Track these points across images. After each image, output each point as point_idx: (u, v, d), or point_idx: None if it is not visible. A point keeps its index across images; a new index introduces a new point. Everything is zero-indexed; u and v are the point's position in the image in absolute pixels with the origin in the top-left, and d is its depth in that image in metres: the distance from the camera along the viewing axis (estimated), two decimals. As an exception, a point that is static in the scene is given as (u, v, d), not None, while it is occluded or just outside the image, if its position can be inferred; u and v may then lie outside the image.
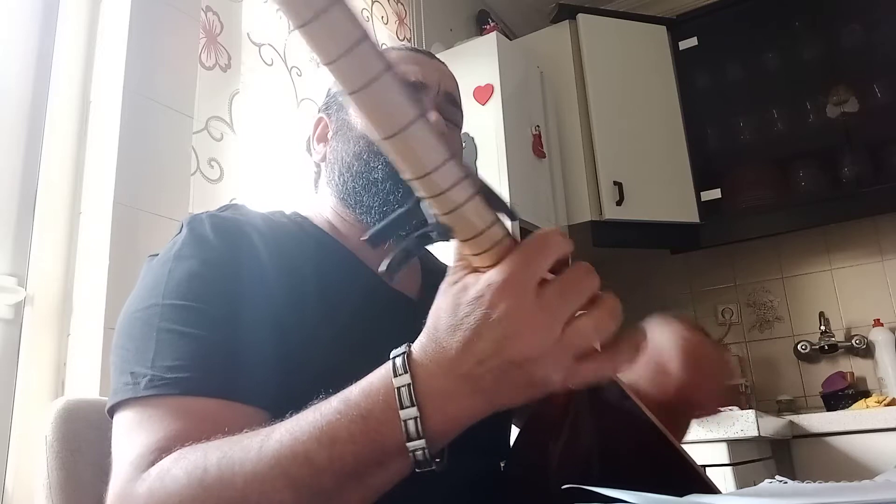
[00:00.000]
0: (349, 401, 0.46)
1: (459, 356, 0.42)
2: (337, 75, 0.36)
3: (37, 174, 1.23)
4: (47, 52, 1.29)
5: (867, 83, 2.34)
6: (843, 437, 1.88)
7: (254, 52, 1.68)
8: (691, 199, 2.46)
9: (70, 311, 1.21)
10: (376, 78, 0.36)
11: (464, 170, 0.40)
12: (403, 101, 0.37)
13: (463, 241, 0.43)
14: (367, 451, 0.44)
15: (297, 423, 0.47)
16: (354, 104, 0.37)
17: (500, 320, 0.41)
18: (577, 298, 0.42)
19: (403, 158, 0.39)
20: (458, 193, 0.40)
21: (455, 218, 0.41)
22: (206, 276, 0.62)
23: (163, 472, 0.49)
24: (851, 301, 2.46)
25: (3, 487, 1.08)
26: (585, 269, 0.43)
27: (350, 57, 0.35)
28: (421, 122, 0.38)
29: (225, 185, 1.50)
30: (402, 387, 0.43)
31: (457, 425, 0.45)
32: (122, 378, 0.58)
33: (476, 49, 2.16)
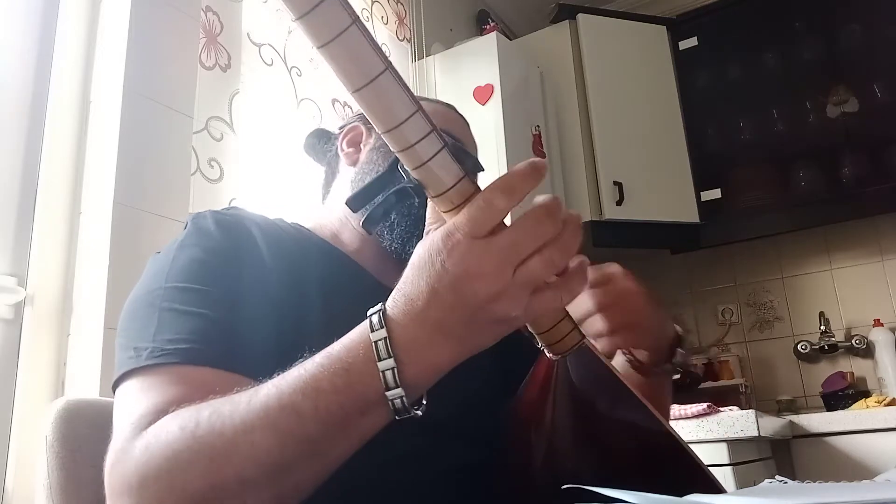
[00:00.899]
0: (331, 356, 0.48)
1: (426, 306, 0.45)
2: (307, 28, 0.38)
3: (37, 174, 1.23)
4: (47, 52, 1.29)
5: (867, 83, 2.34)
6: (843, 437, 1.88)
7: (254, 52, 1.68)
8: (691, 199, 2.46)
9: (70, 311, 1.21)
10: (345, 30, 0.38)
11: (430, 124, 0.42)
12: (371, 53, 0.39)
13: (435, 198, 0.45)
14: (349, 400, 0.47)
15: (283, 379, 0.49)
16: (325, 57, 0.39)
17: (452, 267, 0.44)
18: (526, 246, 0.44)
19: (374, 110, 0.41)
20: (425, 147, 0.42)
21: (425, 172, 0.43)
22: (208, 262, 0.65)
23: (159, 428, 0.51)
24: (851, 301, 2.46)
25: (3, 487, 1.08)
26: (540, 215, 0.45)
27: (319, 11, 0.37)
28: (388, 74, 0.39)
29: (225, 185, 1.50)
30: (379, 340, 0.46)
31: (433, 372, 0.47)
32: (125, 353, 0.60)
33: (476, 49, 2.16)
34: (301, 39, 1.85)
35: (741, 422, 1.64)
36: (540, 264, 0.44)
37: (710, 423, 1.65)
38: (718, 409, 1.72)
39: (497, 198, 0.44)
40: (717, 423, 1.65)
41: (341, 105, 1.93)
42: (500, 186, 0.44)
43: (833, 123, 2.36)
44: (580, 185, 2.32)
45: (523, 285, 0.44)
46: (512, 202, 0.44)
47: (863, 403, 2.03)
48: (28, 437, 1.10)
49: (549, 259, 0.45)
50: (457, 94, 2.12)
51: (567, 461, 0.58)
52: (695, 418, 1.67)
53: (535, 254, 0.44)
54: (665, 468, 0.55)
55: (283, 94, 1.75)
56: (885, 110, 2.29)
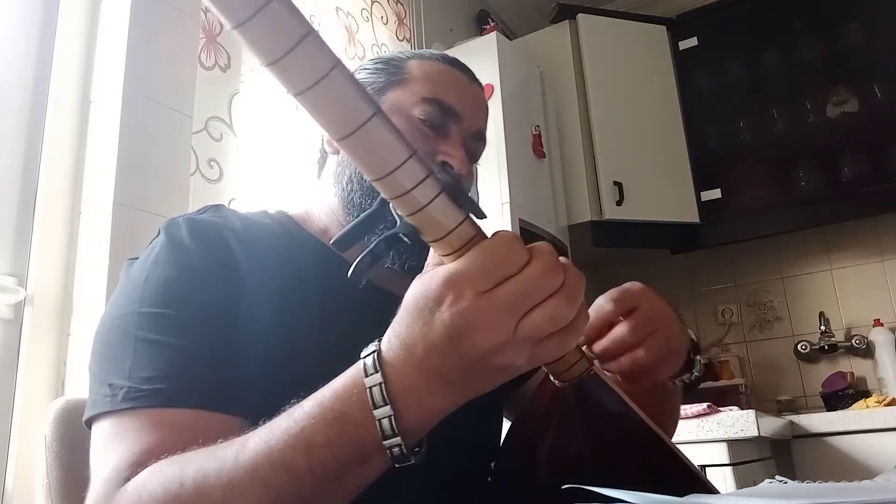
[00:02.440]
0: (323, 405, 0.45)
1: (423, 354, 0.43)
2: (280, 76, 0.33)
3: (37, 174, 1.23)
4: (47, 52, 1.29)
5: (867, 83, 2.34)
6: (843, 437, 1.88)
7: (254, 52, 1.68)
8: (691, 199, 2.46)
9: (70, 311, 1.21)
10: (326, 75, 0.33)
11: (427, 168, 0.39)
12: (357, 99, 0.35)
13: (433, 242, 0.42)
14: (345, 452, 0.44)
15: (271, 431, 0.46)
16: (304, 105, 0.34)
17: (451, 319, 0.41)
18: (529, 299, 0.42)
19: (362, 159, 0.37)
20: (421, 193, 0.39)
21: (421, 218, 0.40)
22: (182, 283, 0.61)
23: (139, 486, 0.48)
24: (851, 301, 2.46)
25: (3, 487, 1.08)
26: (544, 268, 0.42)
27: (295, 54, 0.33)
28: (377, 120, 0.35)
29: (224, 186, 1.50)
30: (374, 386, 0.44)
31: (432, 418, 0.45)
32: (101, 390, 0.57)
33: (476, 49, 2.16)
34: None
35: (741, 422, 1.64)
36: (545, 318, 0.42)
37: (710, 423, 1.65)
38: (718, 409, 1.72)
39: (504, 262, 0.42)
40: (717, 423, 1.65)
41: (341, 105, 1.92)
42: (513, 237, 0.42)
43: (833, 123, 2.36)
44: (580, 185, 2.32)
45: (527, 339, 0.42)
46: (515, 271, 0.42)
47: (863, 403, 2.03)
48: (28, 437, 1.10)
49: (554, 312, 0.42)
50: (457, 94, 2.11)
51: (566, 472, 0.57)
52: (695, 418, 1.67)
53: (539, 306, 0.42)
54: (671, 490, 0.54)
55: (283, 95, 1.75)
56: (885, 110, 2.29)
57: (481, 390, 0.45)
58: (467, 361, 0.42)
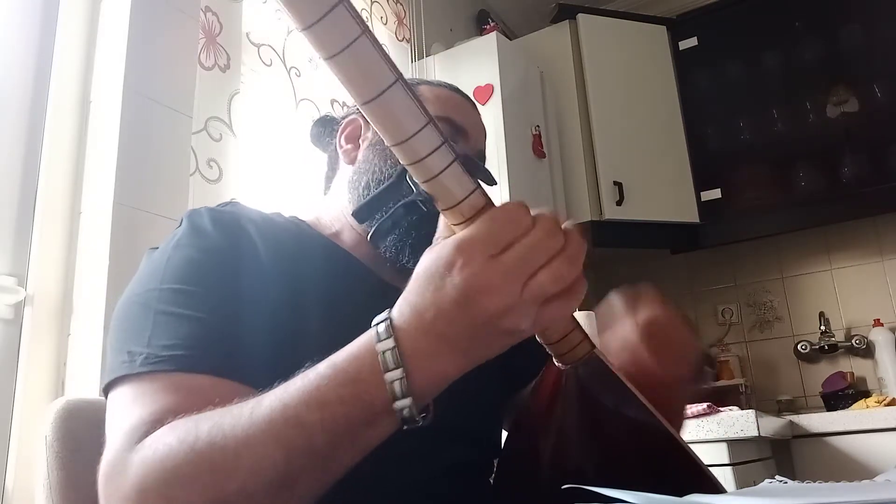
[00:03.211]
0: (336, 366, 0.48)
1: (433, 318, 0.45)
2: (314, 39, 0.36)
3: (37, 174, 1.23)
4: (47, 52, 1.29)
5: (867, 83, 2.34)
6: (843, 437, 1.88)
7: (253, 53, 1.68)
8: (691, 199, 2.46)
9: (70, 311, 1.21)
10: (355, 40, 0.36)
11: (442, 136, 0.41)
12: (382, 64, 0.37)
13: (446, 210, 0.45)
14: (356, 411, 0.46)
15: (286, 390, 0.48)
16: (333, 68, 0.37)
17: (462, 282, 0.43)
18: (534, 261, 0.44)
19: (383, 123, 0.39)
20: (436, 160, 0.41)
21: (435, 186, 0.42)
22: (204, 263, 0.63)
23: (155, 440, 0.50)
24: (851, 301, 2.46)
25: (3, 487, 1.08)
26: (548, 231, 0.45)
27: (328, 20, 0.35)
28: (399, 86, 0.38)
29: (224, 186, 1.50)
30: (387, 350, 0.45)
31: (440, 382, 0.47)
32: (119, 357, 0.59)
33: (476, 49, 2.16)
34: (301, 40, 1.84)
35: (741, 422, 1.64)
36: (549, 278, 0.44)
37: (710, 423, 1.65)
38: (718, 409, 1.72)
39: (510, 224, 0.44)
40: (717, 423, 1.65)
41: (340, 105, 1.93)
42: (510, 214, 0.44)
43: (833, 123, 2.36)
44: (580, 185, 2.32)
45: (532, 300, 0.44)
46: (522, 231, 0.44)
47: (863, 403, 2.03)
48: (28, 437, 1.10)
49: (557, 272, 0.44)
50: (457, 94, 2.12)
51: (573, 467, 0.57)
52: (695, 418, 1.67)
53: (544, 268, 0.44)
54: (672, 477, 0.55)
55: (283, 95, 1.75)
56: (885, 110, 2.29)
57: (488, 355, 0.47)
58: (476, 325, 0.44)
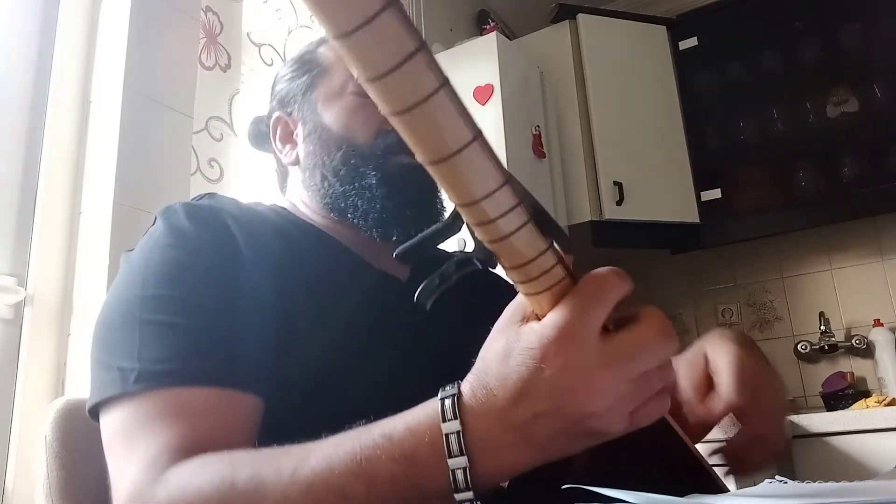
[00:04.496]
0: (392, 438, 0.42)
1: (512, 407, 0.39)
2: (381, 93, 0.30)
3: (37, 174, 1.23)
4: (47, 52, 1.29)
5: (867, 83, 2.34)
6: (843, 437, 1.88)
7: (254, 53, 1.68)
8: (691, 199, 2.46)
9: (70, 311, 1.21)
10: (430, 96, 0.30)
11: (517, 196, 0.35)
12: (459, 122, 0.32)
13: (509, 269, 0.39)
14: (407, 493, 0.42)
15: (335, 452, 0.44)
16: (399, 125, 0.31)
17: (556, 376, 0.38)
18: (647, 363, 0.39)
19: (450, 184, 0.34)
20: (508, 222, 0.35)
21: (502, 246, 0.37)
22: (185, 263, 0.61)
23: (184, 481, 0.47)
24: (851, 301, 2.46)
25: (3, 487, 1.08)
26: (663, 332, 0.39)
27: (401, 72, 0.29)
28: (476, 145, 0.33)
29: (225, 185, 1.50)
30: (451, 434, 0.40)
31: (506, 475, 0.42)
32: (108, 374, 0.56)
33: (476, 49, 2.16)
34: (301, 40, 1.84)
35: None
36: (658, 381, 0.40)
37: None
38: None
39: (608, 291, 0.39)
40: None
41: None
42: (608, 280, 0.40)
43: (833, 123, 2.36)
44: (580, 185, 2.32)
45: (633, 401, 0.40)
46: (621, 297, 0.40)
47: (863, 403, 2.03)
48: (28, 437, 1.10)
49: (666, 374, 0.40)
50: (457, 94, 2.12)
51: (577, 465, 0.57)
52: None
53: (654, 371, 0.40)
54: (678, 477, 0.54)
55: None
56: (885, 110, 2.29)
57: (565, 454, 0.42)
58: (562, 423, 0.39)
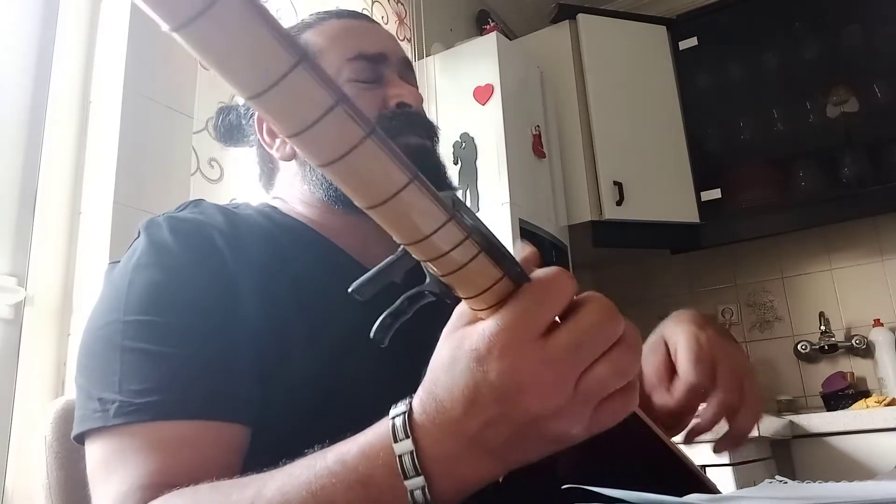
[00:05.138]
0: (346, 463, 0.41)
1: (462, 418, 0.38)
2: (304, 147, 0.29)
3: (37, 174, 1.23)
4: (47, 52, 1.29)
5: (867, 83, 2.34)
6: (843, 437, 1.88)
7: (254, 52, 1.68)
8: (691, 199, 2.46)
9: (70, 311, 1.21)
10: (357, 146, 0.29)
11: (465, 230, 0.34)
12: (392, 165, 0.31)
13: (466, 299, 0.38)
14: None
15: (290, 481, 0.42)
16: (330, 175, 0.31)
17: (499, 377, 0.36)
18: (592, 349, 0.37)
19: (394, 226, 0.33)
20: (459, 254, 0.34)
21: (456, 278, 0.36)
22: (168, 286, 0.58)
23: None
24: (851, 301, 2.46)
25: (3, 487, 1.08)
26: (605, 312, 0.37)
27: (321, 126, 0.28)
28: (414, 186, 0.31)
29: (225, 185, 1.50)
30: (405, 454, 0.39)
31: (468, 488, 0.41)
32: (90, 404, 0.55)
33: (476, 49, 2.16)
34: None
35: (741, 422, 1.64)
36: (609, 372, 0.37)
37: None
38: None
39: (552, 292, 0.37)
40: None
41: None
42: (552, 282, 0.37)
43: (833, 123, 2.36)
44: (580, 185, 2.32)
45: (588, 398, 0.37)
46: (567, 301, 0.37)
47: (863, 403, 2.03)
48: (28, 437, 1.10)
49: (619, 365, 0.37)
50: (457, 94, 2.12)
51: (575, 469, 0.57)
52: (695, 418, 1.67)
53: (602, 358, 0.37)
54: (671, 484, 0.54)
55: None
56: (885, 110, 2.29)
57: (526, 461, 0.40)
58: (515, 428, 0.37)
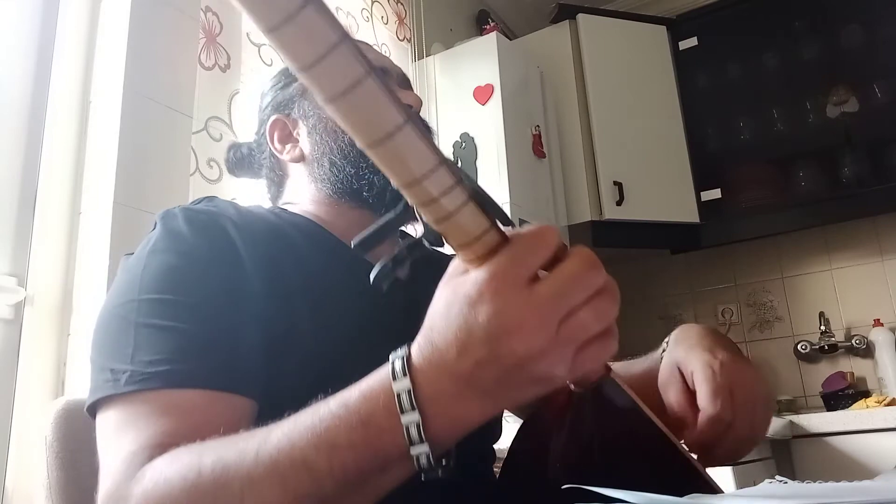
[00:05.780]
0: (348, 406, 0.44)
1: (456, 359, 0.41)
2: (312, 82, 0.33)
3: (37, 174, 1.23)
4: (47, 52, 1.29)
5: (867, 83, 2.34)
6: (843, 437, 1.88)
7: (253, 53, 1.68)
8: (691, 199, 2.46)
9: (70, 311, 1.21)
10: (358, 83, 0.33)
11: (455, 176, 0.38)
12: (388, 106, 0.34)
13: (457, 248, 0.41)
14: (368, 457, 0.43)
15: (295, 427, 0.45)
16: (333, 112, 0.34)
17: (488, 321, 0.39)
18: (574, 296, 0.40)
19: (390, 166, 0.37)
20: (450, 201, 0.38)
21: (448, 225, 0.39)
22: (182, 268, 0.61)
23: (156, 474, 0.48)
24: (851, 301, 2.46)
25: (3, 487, 1.08)
26: (587, 263, 0.41)
27: (328, 62, 0.32)
28: (409, 127, 0.35)
29: (224, 186, 1.50)
30: (403, 392, 0.42)
31: (461, 427, 0.43)
32: (102, 375, 0.57)
33: (476, 49, 2.16)
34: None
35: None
36: (591, 316, 0.40)
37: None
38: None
39: (538, 243, 0.40)
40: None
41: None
42: (538, 234, 0.41)
43: (833, 123, 2.36)
44: (580, 185, 2.32)
45: (569, 342, 0.40)
46: (552, 252, 0.41)
47: (863, 403, 2.03)
48: (28, 437, 1.10)
49: (600, 310, 0.40)
50: (457, 94, 2.12)
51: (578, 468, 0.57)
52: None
53: (585, 304, 0.40)
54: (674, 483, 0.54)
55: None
56: (885, 110, 2.29)
57: (514, 402, 0.43)
58: (503, 368, 0.40)
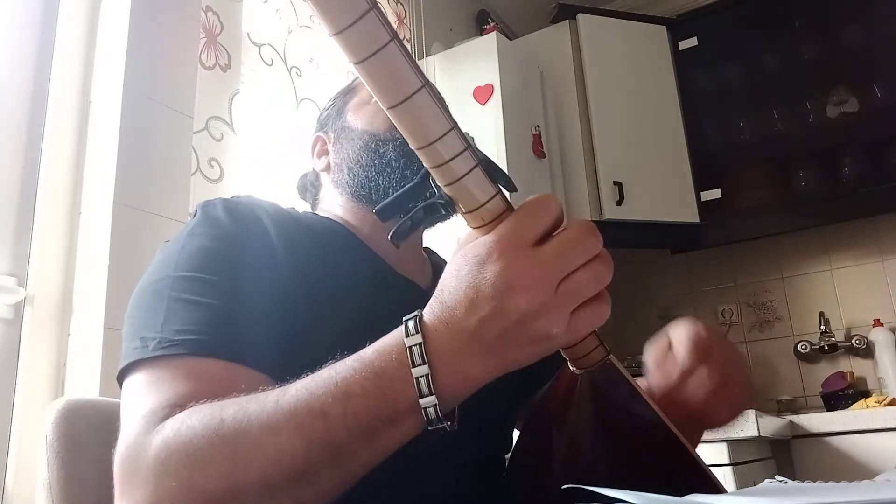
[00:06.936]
0: (364, 359, 0.48)
1: (464, 316, 0.44)
2: (345, 44, 0.38)
3: (37, 174, 1.23)
4: (47, 52, 1.29)
5: (867, 83, 2.34)
6: (843, 437, 1.88)
7: (254, 52, 1.68)
8: (691, 199, 2.46)
9: (70, 311, 1.21)
10: (384, 47, 0.38)
11: (465, 142, 0.42)
12: (409, 70, 0.39)
13: (466, 214, 0.45)
14: (380, 406, 0.46)
15: (313, 380, 0.48)
16: (361, 73, 0.39)
17: (496, 277, 0.43)
18: (574, 258, 0.44)
19: (408, 127, 0.41)
20: (459, 164, 0.42)
21: (457, 189, 0.43)
22: (217, 251, 0.64)
23: (177, 423, 0.50)
24: (851, 301, 2.46)
25: (3, 487, 1.08)
26: (587, 230, 0.45)
27: (358, 26, 0.37)
28: (425, 91, 0.40)
29: (225, 185, 1.50)
30: (414, 346, 0.45)
31: (468, 384, 0.46)
32: (132, 343, 0.59)
33: (476, 49, 2.16)
34: (301, 40, 1.85)
35: (741, 422, 1.64)
36: (589, 277, 0.44)
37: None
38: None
39: (542, 209, 0.44)
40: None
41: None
42: (541, 200, 0.45)
43: (833, 123, 2.36)
44: (580, 185, 2.32)
45: (568, 300, 0.44)
46: (555, 218, 0.45)
47: (863, 403, 2.03)
48: (28, 437, 1.10)
49: (597, 272, 0.44)
50: (457, 94, 2.12)
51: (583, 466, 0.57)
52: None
53: (583, 266, 0.44)
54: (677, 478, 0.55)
55: (283, 95, 1.75)
56: (885, 110, 2.29)
57: (517, 362, 0.46)
58: (506, 324, 0.44)
